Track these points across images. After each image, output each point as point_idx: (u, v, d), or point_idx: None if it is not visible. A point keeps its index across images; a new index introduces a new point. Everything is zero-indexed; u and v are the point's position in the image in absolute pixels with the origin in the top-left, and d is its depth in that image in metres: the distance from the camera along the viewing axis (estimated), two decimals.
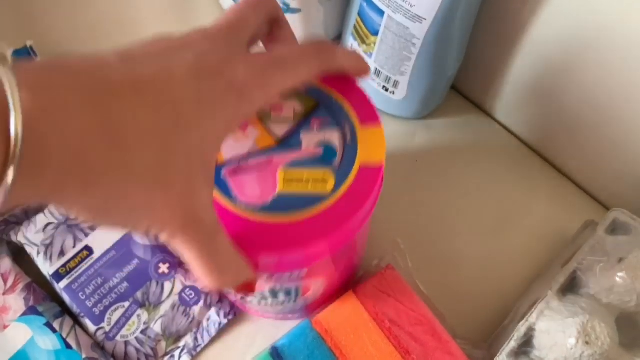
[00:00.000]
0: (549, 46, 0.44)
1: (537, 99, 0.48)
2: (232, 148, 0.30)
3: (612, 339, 0.36)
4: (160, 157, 0.21)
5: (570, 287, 0.41)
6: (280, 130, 0.31)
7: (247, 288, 0.27)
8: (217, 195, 0.28)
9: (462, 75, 0.51)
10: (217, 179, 0.29)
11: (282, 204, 0.28)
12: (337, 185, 0.28)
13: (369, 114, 0.30)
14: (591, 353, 0.36)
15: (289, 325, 0.41)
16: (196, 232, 0.23)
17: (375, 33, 0.44)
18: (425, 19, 0.40)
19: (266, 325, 0.44)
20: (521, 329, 0.39)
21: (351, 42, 0.49)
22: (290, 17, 0.45)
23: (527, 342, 0.39)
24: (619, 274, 0.37)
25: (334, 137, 0.30)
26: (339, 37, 0.52)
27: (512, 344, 0.38)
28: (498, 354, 0.38)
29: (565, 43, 0.43)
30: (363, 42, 0.46)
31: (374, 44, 0.45)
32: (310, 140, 0.30)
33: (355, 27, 0.47)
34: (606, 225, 0.41)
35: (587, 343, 0.36)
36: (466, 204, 0.49)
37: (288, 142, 0.30)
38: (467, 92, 0.55)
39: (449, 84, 0.51)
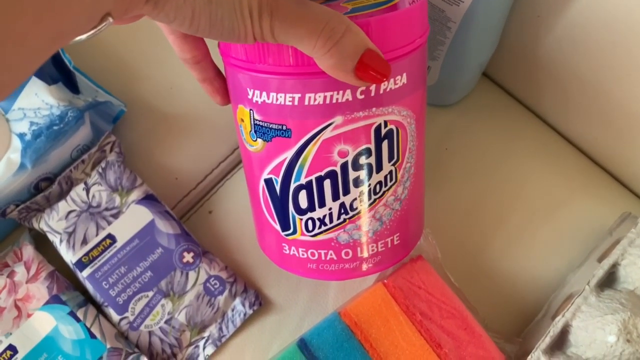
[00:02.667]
0: (587, 32, 0.42)
1: (572, 88, 0.46)
2: None
3: None
4: None
5: (608, 282, 0.40)
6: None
7: (374, 65, 0.27)
8: None
9: (495, 62, 0.50)
10: None
11: (358, 9, 0.29)
12: None
13: None
14: (632, 351, 0.35)
15: (315, 318, 0.40)
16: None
17: None
18: (462, 2, 0.38)
19: (292, 316, 0.43)
20: (557, 325, 0.38)
21: None
22: None
23: (562, 338, 0.38)
24: None
25: None
26: None
27: (547, 340, 0.37)
28: (533, 350, 0.37)
29: (604, 28, 0.41)
30: None
31: None
32: None
33: None
34: None
35: (628, 341, 0.35)
36: (498, 194, 0.47)
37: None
38: (500, 79, 0.53)
39: (481, 70, 0.50)
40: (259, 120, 0.32)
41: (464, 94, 0.51)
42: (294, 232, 0.35)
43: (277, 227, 0.36)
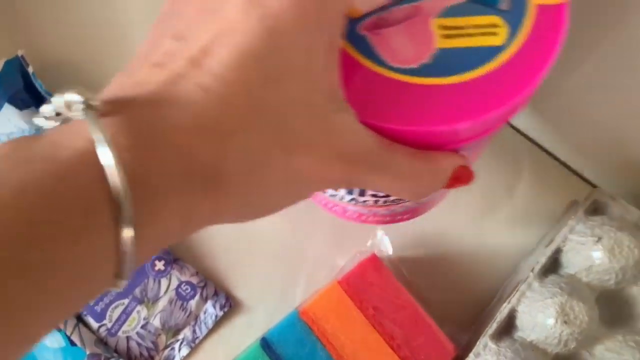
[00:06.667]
0: None
1: None
2: None
3: (590, 318, 0.37)
4: (278, 136, 0.19)
5: (553, 268, 0.42)
6: None
7: (460, 179, 0.25)
8: (361, 59, 0.23)
9: None
10: (353, 36, 0.23)
11: (443, 63, 0.22)
12: (511, 34, 0.23)
13: None
14: (570, 332, 0.37)
15: (283, 317, 0.42)
16: (362, 163, 0.22)
17: None
18: None
19: (261, 316, 0.46)
20: (503, 311, 0.40)
21: None
22: None
23: (510, 324, 0.40)
24: (596, 254, 0.38)
25: None
26: None
27: (494, 326, 0.39)
28: (481, 336, 0.40)
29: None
30: None
31: None
32: None
33: None
34: (586, 205, 0.42)
35: (565, 322, 0.37)
36: None
37: None
38: None
39: None
40: None
41: None
42: None
43: None
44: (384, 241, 0.44)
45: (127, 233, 0.16)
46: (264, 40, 0.18)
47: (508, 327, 0.40)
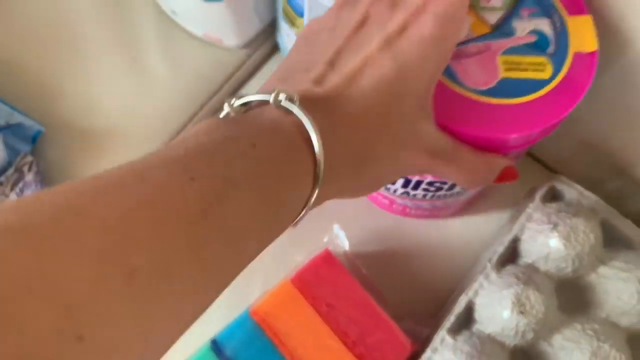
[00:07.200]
0: None
1: None
2: None
3: (547, 307, 0.36)
4: (394, 136, 0.28)
5: (512, 258, 0.41)
6: (493, 17, 0.33)
7: (507, 177, 0.34)
8: (445, 80, 0.31)
9: None
10: None
11: (505, 88, 0.31)
12: (555, 71, 0.31)
13: (576, 4, 0.33)
14: (526, 322, 0.36)
15: (231, 317, 0.41)
16: (439, 156, 0.30)
17: (302, 14, 0.43)
18: None
19: (213, 317, 0.44)
20: (461, 303, 0.39)
21: (284, 26, 0.48)
22: (213, 7, 0.44)
23: (469, 317, 0.39)
24: (553, 241, 0.37)
25: (544, 26, 0.33)
26: (272, 23, 0.51)
27: (452, 319, 0.38)
28: (439, 330, 0.38)
29: None
30: (293, 24, 0.46)
31: (303, 25, 0.44)
32: (523, 28, 0.33)
33: (284, 10, 0.46)
34: (543, 192, 0.41)
35: (521, 313, 0.36)
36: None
37: (501, 29, 0.33)
38: None
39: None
40: None
41: None
42: None
43: None
44: (340, 236, 0.43)
45: (315, 192, 0.25)
46: (394, 72, 0.26)
47: (467, 320, 0.39)
